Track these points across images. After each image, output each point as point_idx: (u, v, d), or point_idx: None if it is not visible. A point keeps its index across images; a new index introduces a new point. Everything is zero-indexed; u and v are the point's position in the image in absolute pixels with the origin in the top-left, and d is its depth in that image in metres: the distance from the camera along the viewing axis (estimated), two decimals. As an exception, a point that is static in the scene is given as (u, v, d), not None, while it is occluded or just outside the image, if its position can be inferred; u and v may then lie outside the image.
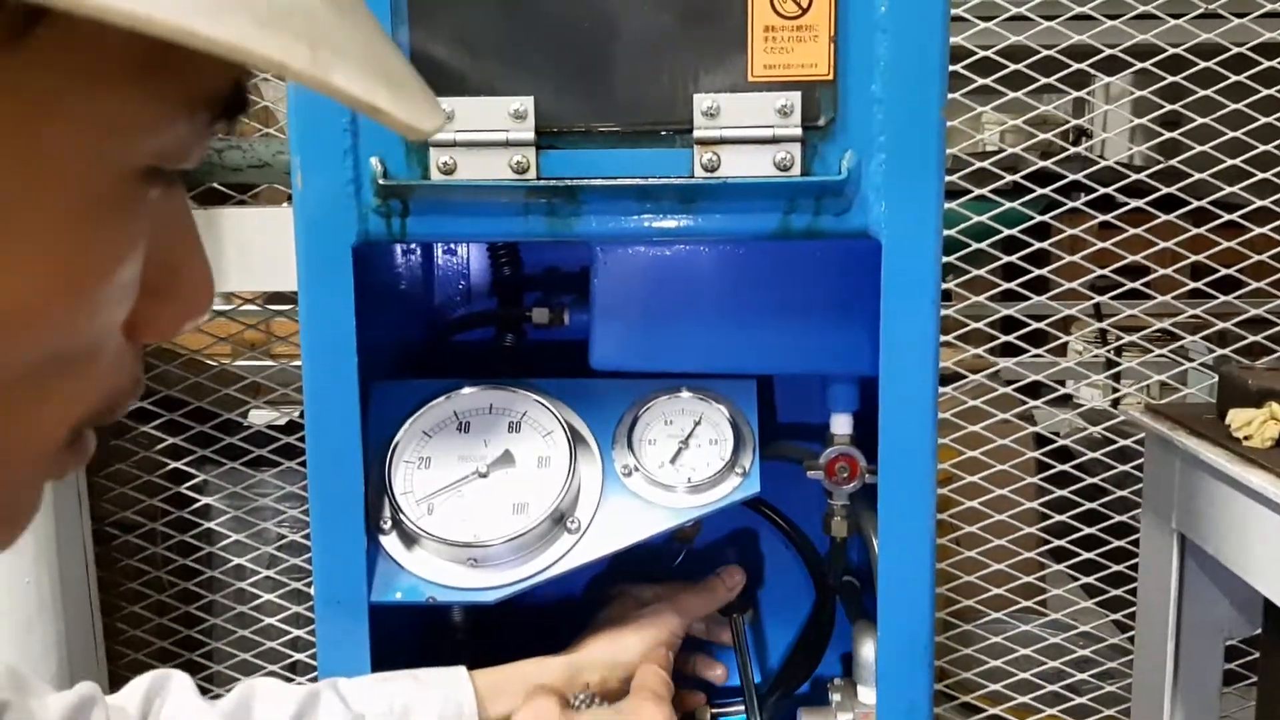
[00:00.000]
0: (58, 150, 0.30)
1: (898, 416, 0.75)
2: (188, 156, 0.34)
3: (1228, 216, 1.42)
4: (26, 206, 0.30)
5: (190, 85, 0.32)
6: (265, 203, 1.43)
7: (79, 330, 0.33)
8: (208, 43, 0.26)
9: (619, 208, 0.72)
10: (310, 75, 0.28)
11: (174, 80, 0.31)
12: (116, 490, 1.46)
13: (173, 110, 0.32)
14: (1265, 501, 0.94)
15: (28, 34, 0.28)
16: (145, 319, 0.36)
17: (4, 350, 0.31)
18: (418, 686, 0.75)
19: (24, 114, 0.29)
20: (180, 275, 0.37)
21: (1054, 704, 1.47)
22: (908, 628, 0.77)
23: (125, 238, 0.33)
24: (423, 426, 0.84)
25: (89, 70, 0.29)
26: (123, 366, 0.36)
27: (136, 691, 0.70)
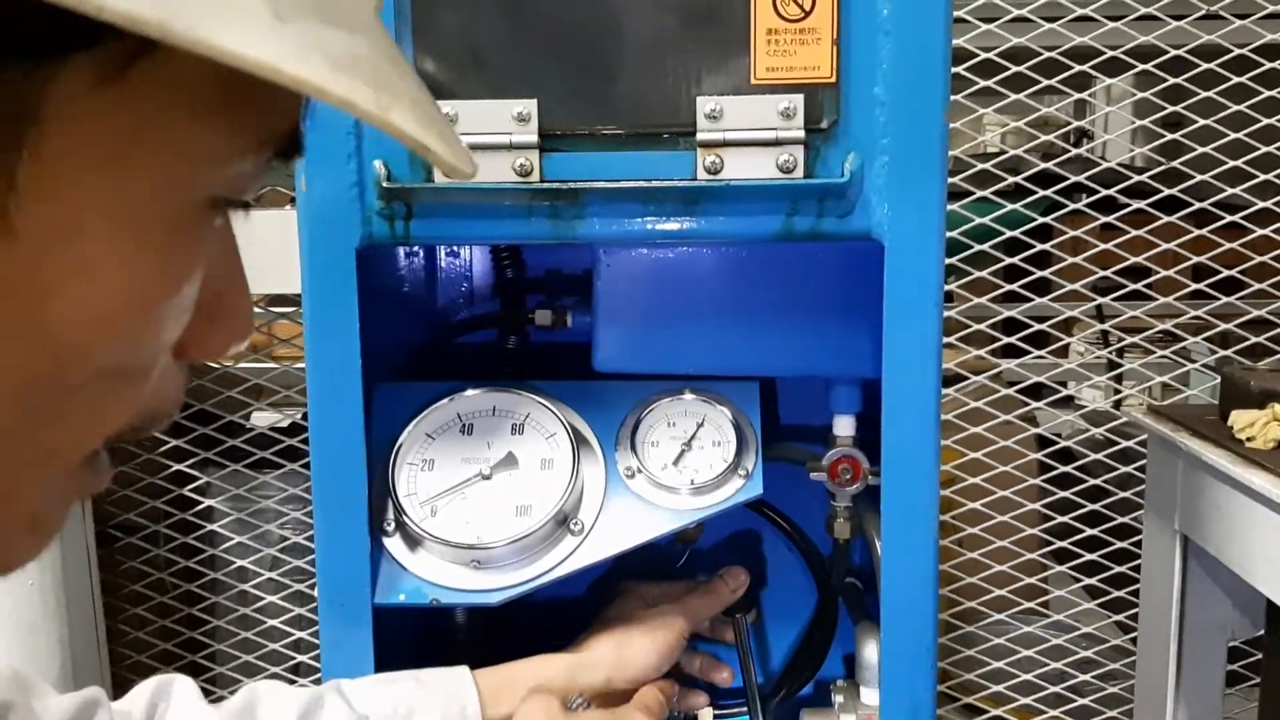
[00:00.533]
0: (144, 174, 0.32)
1: (900, 418, 0.75)
2: (250, 188, 0.36)
3: (1229, 218, 1.42)
4: (112, 226, 0.32)
5: (265, 121, 0.35)
6: (268, 205, 1.43)
7: (143, 346, 0.35)
8: (292, 81, 0.28)
9: (622, 210, 0.73)
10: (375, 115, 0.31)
11: (253, 116, 0.34)
12: (119, 493, 1.46)
13: (246, 144, 0.34)
14: (1267, 503, 0.94)
15: (135, 64, 0.30)
16: (194, 339, 0.38)
17: (76, 357, 0.33)
18: (421, 688, 0.76)
19: (120, 140, 0.31)
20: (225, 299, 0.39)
21: (1056, 705, 1.47)
22: (911, 629, 0.77)
23: (191, 261, 0.35)
24: (426, 428, 0.84)
25: (181, 101, 0.32)
26: (167, 384, 0.38)
27: (141, 696, 0.70)
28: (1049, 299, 1.46)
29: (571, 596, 1.01)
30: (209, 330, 0.38)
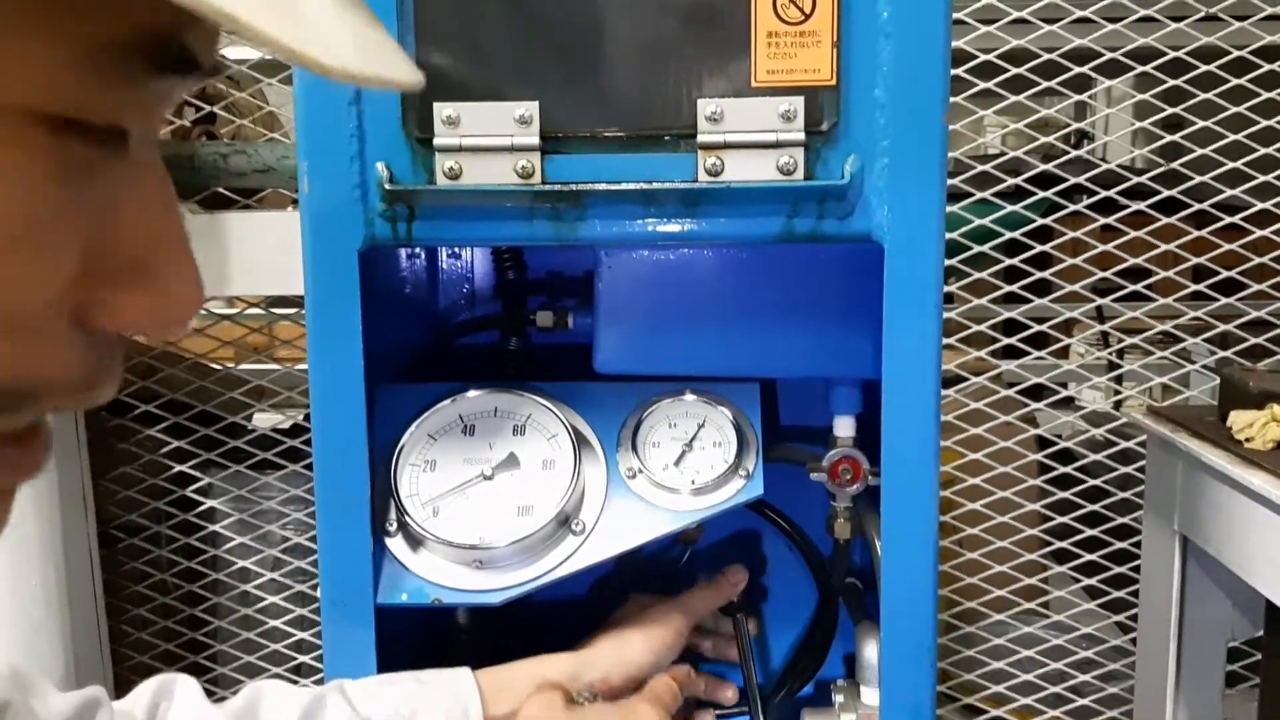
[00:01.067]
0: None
1: (900, 419, 0.75)
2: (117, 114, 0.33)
3: (1229, 219, 1.42)
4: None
5: (89, 27, 0.31)
6: (270, 207, 1.43)
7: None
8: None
9: (623, 212, 0.73)
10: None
11: (70, 20, 0.30)
12: (121, 494, 1.46)
13: (72, 54, 0.31)
14: (1267, 503, 0.94)
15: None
16: (100, 305, 0.34)
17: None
18: (423, 688, 0.76)
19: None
20: (153, 267, 0.35)
21: (1056, 705, 1.47)
22: (911, 629, 0.77)
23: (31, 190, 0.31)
24: (428, 429, 0.84)
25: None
26: (65, 352, 0.34)
27: (143, 696, 0.70)
28: (1049, 300, 1.46)
29: (573, 597, 1.02)
30: (122, 297, 0.35)
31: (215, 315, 1.54)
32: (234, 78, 1.51)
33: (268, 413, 1.53)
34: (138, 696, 0.70)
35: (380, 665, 0.80)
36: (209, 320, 1.52)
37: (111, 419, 1.46)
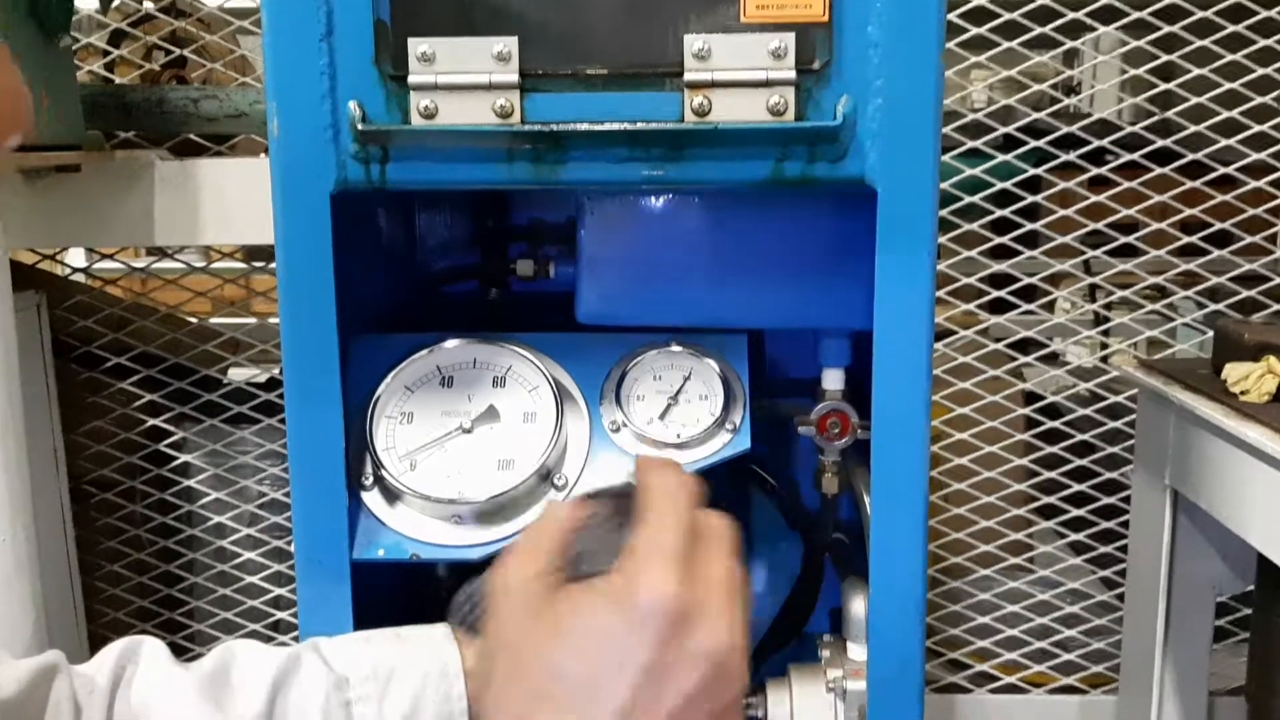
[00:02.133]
0: None
1: (892, 370, 0.73)
2: None
3: (1221, 170, 1.40)
4: None
5: None
6: (243, 153, 1.39)
7: None
8: None
9: (606, 154, 0.70)
10: None
11: None
12: (93, 448, 1.43)
13: None
14: (1262, 456, 0.93)
15: None
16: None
17: None
18: (401, 645, 0.74)
19: None
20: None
21: (1041, 660, 1.47)
22: (900, 584, 0.76)
23: None
24: (404, 381, 0.82)
25: None
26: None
27: (107, 659, 0.68)
28: (1038, 252, 1.44)
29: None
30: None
31: (189, 266, 1.50)
32: (205, 20, 1.46)
33: (244, 366, 1.50)
34: (102, 660, 0.68)
35: (358, 622, 0.78)
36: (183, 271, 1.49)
37: (82, 372, 1.42)
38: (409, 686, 0.71)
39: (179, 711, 0.66)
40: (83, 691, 0.65)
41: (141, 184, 1.25)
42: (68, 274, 1.53)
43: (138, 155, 1.29)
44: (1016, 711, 1.48)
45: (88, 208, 1.25)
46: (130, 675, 0.67)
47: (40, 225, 1.26)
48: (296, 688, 0.69)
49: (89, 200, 1.25)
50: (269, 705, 0.68)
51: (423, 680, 0.72)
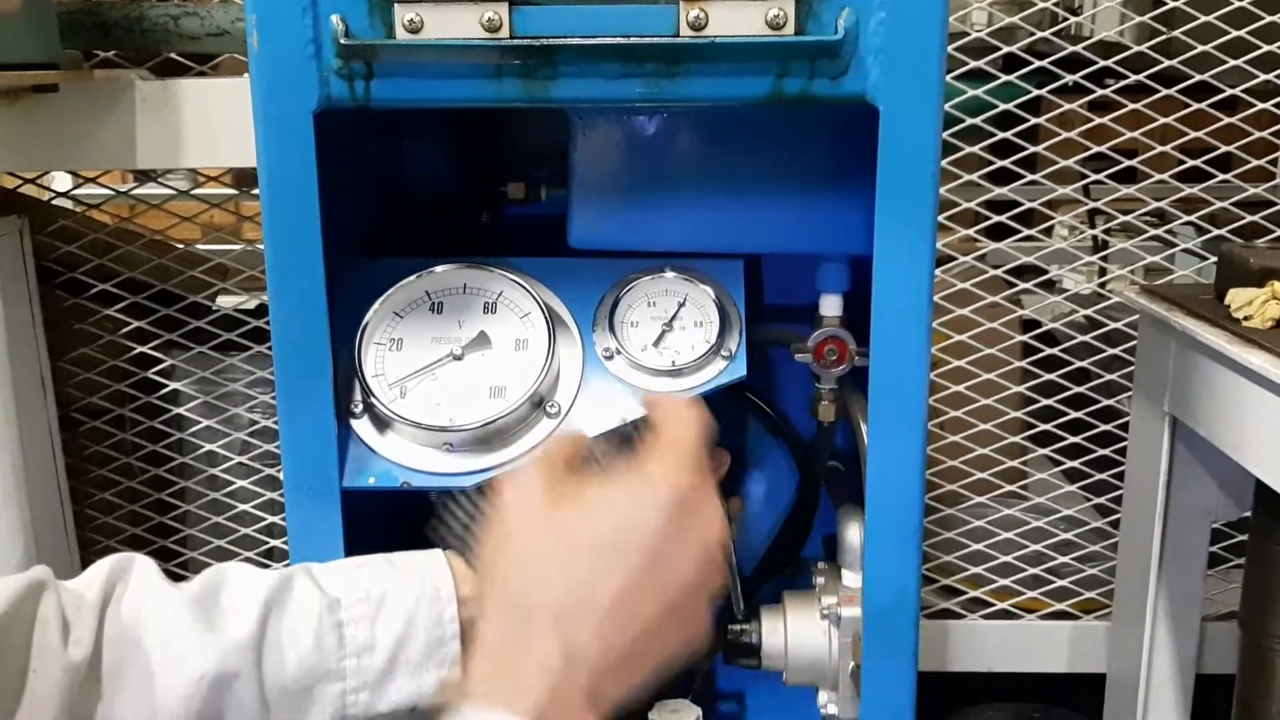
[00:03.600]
0: None
1: (892, 295, 0.72)
2: None
3: (1226, 92, 1.37)
4: None
5: None
6: (226, 74, 1.35)
7: None
8: None
9: (599, 70, 0.67)
10: None
11: None
12: (81, 376, 1.42)
13: None
14: (1264, 382, 0.92)
15: None
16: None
17: None
18: (393, 570, 0.74)
19: None
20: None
21: (1035, 587, 1.48)
22: (897, 512, 0.75)
23: None
24: (393, 307, 0.80)
25: None
26: None
27: (97, 576, 0.67)
28: (1038, 176, 1.42)
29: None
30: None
31: (175, 191, 1.47)
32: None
33: (233, 293, 1.48)
34: (91, 576, 0.67)
35: (349, 550, 0.77)
36: (168, 196, 1.46)
37: (68, 298, 1.40)
38: (401, 609, 0.71)
39: (170, 629, 0.66)
40: (71, 607, 0.64)
41: (122, 105, 1.22)
42: (51, 199, 1.50)
43: (117, 75, 1.25)
44: (1009, 637, 1.49)
45: (67, 130, 1.22)
46: (120, 592, 0.66)
47: (18, 147, 1.23)
48: (289, 609, 0.69)
49: (68, 122, 1.22)
50: (260, 625, 0.68)
51: (415, 603, 0.71)
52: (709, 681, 1.01)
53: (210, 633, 0.66)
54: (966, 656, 1.50)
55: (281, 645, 0.68)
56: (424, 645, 0.71)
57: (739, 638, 0.89)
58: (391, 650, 0.70)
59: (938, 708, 1.64)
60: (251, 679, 0.66)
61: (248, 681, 0.66)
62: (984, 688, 1.59)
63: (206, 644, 0.66)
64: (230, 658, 0.66)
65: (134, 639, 0.65)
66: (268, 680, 0.67)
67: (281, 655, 0.67)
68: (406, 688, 0.70)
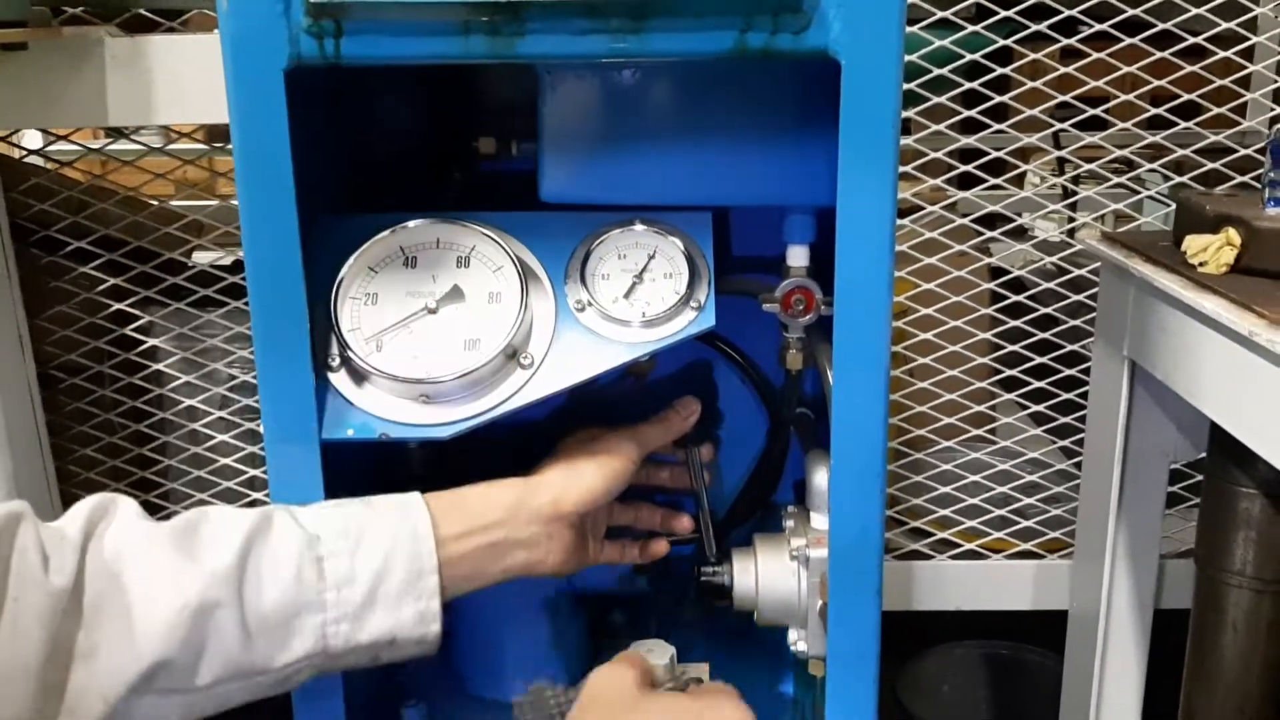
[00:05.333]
0: None
1: (855, 245, 0.73)
2: None
3: (1190, 40, 1.39)
4: None
5: None
6: (195, 29, 1.35)
7: None
8: None
9: (565, 25, 0.68)
10: None
11: None
12: (59, 333, 1.42)
13: None
14: (1218, 327, 0.94)
15: None
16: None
17: None
18: (371, 509, 0.76)
19: None
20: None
21: (1001, 528, 1.51)
22: (861, 455, 0.77)
23: None
24: (368, 261, 0.82)
25: None
26: None
27: (78, 514, 0.69)
28: (1006, 125, 1.44)
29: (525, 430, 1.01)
30: None
31: (148, 147, 1.47)
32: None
33: (209, 249, 1.48)
34: (73, 515, 0.69)
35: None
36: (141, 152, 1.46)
37: (43, 256, 1.41)
38: (379, 543, 0.73)
39: (152, 562, 0.68)
40: (51, 541, 0.65)
41: (92, 62, 1.22)
42: (22, 156, 1.50)
43: (87, 32, 1.25)
44: (976, 577, 1.52)
45: (37, 87, 1.22)
46: (103, 529, 0.68)
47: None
48: (269, 542, 0.71)
49: (38, 80, 1.22)
50: (241, 556, 0.69)
51: (393, 539, 0.74)
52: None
53: (192, 563, 0.68)
54: (935, 596, 1.53)
55: (261, 576, 0.70)
56: (402, 579, 0.73)
57: (711, 579, 0.91)
58: (371, 583, 0.72)
59: (908, 646, 1.69)
60: (233, 608, 0.68)
61: (229, 610, 0.68)
62: (952, 626, 1.64)
63: (188, 574, 0.67)
64: (211, 587, 0.68)
65: (115, 572, 0.66)
66: (248, 610, 0.69)
67: (261, 586, 0.69)
68: (386, 620, 0.72)
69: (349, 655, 0.73)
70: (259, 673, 0.70)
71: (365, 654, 0.73)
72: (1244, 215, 1.02)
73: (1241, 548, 1.08)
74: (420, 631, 0.74)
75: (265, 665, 0.70)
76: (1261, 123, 1.52)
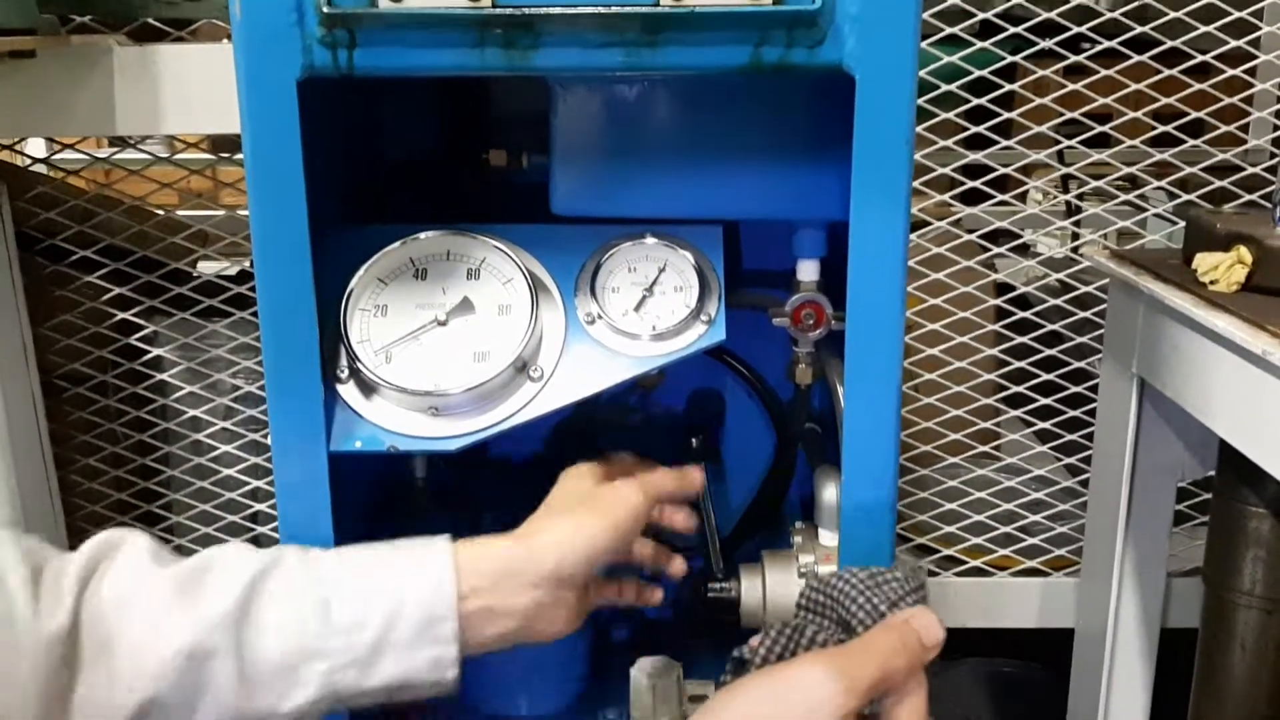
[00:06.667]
0: None
1: (867, 262, 0.73)
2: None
3: (1198, 58, 1.39)
4: None
5: None
6: (204, 39, 1.35)
7: None
8: None
9: (580, 39, 0.68)
10: None
11: None
12: (63, 342, 1.42)
13: None
14: (1229, 345, 0.94)
15: None
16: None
17: None
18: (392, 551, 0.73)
19: None
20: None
21: (1006, 545, 1.51)
22: (872, 473, 0.77)
23: None
24: (378, 273, 0.81)
25: None
26: None
27: (83, 553, 0.67)
28: (1012, 142, 1.44)
29: (532, 446, 1.01)
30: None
31: (154, 157, 1.47)
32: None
33: (214, 259, 1.48)
34: (80, 552, 0.67)
35: (336, 514, 0.78)
36: (147, 161, 1.46)
37: (48, 265, 1.40)
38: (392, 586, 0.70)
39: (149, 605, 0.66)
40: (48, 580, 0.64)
41: (100, 71, 1.22)
42: (28, 165, 1.50)
43: (95, 41, 1.25)
44: (982, 594, 1.52)
45: (45, 96, 1.22)
46: (104, 569, 0.66)
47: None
48: (272, 586, 0.69)
49: (46, 88, 1.22)
50: (242, 602, 0.67)
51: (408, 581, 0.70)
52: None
53: (190, 609, 0.66)
54: (940, 613, 1.51)
55: (262, 623, 0.67)
56: (417, 623, 0.69)
57: (719, 595, 0.91)
58: (381, 629, 0.69)
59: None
60: (230, 656, 0.66)
61: (225, 659, 0.66)
62: (957, 643, 1.63)
63: (183, 620, 0.66)
64: (207, 634, 0.66)
65: (111, 616, 0.65)
66: (246, 658, 0.66)
67: (262, 633, 0.67)
68: (398, 665, 0.69)
69: (360, 698, 0.70)
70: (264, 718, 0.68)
71: (378, 696, 0.70)
72: (1255, 234, 1.02)
73: (1251, 567, 1.07)
74: (436, 676, 0.70)
75: (269, 712, 0.67)
76: (1265, 141, 1.52)
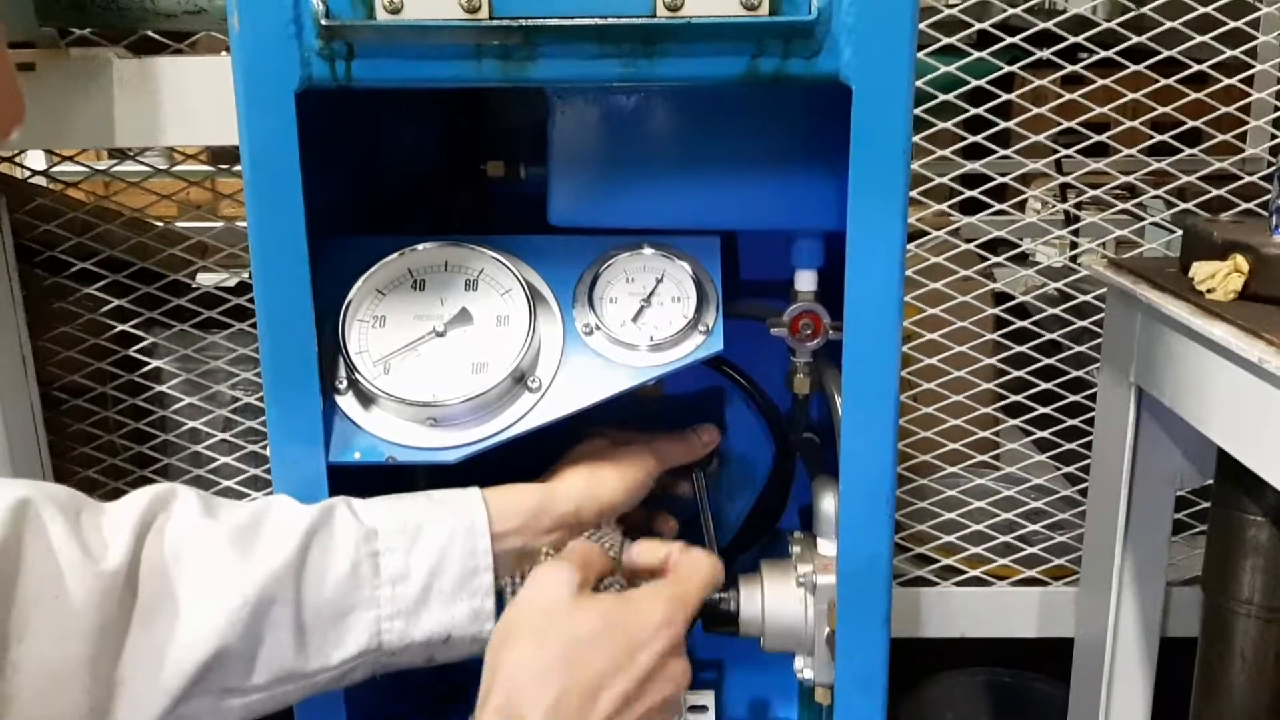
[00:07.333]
0: None
1: (864, 271, 0.73)
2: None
3: (1195, 68, 1.39)
4: None
5: None
6: (203, 51, 1.35)
7: None
8: None
9: (576, 50, 0.69)
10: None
11: None
12: (62, 354, 1.42)
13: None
14: (1226, 353, 0.94)
15: None
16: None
17: None
18: (431, 504, 0.76)
19: None
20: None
21: (1005, 554, 1.51)
22: (870, 482, 0.77)
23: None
24: (376, 284, 0.81)
25: None
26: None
27: (138, 502, 0.70)
28: (1010, 151, 1.44)
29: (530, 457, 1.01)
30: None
31: (153, 169, 1.47)
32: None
33: (213, 270, 1.48)
34: (131, 502, 0.70)
35: (334, 524, 0.78)
36: (146, 174, 1.46)
37: (47, 277, 1.40)
38: (435, 540, 0.74)
39: (211, 558, 0.68)
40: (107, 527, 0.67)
41: (99, 84, 1.22)
42: (27, 177, 1.50)
43: (95, 54, 1.25)
44: (981, 603, 1.51)
45: (45, 109, 1.22)
46: (162, 522, 0.69)
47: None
48: (327, 537, 0.72)
49: (46, 101, 1.22)
50: (301, 552, 0.70)
51: (449, 535, 0.74)
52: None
53: (250, 560, 0.69)
54: (939, 623, 1.53)
55: (319, 572, 0.70)
56: (457, 576, 0.73)
57: (718, 605, 0.91)
58: (425, 580, 0.72)
59: (912, 673, 1.68)
60: (289, 604, 0.69)
61: (285, 606, 0.69)
62: (956, 653, 1.63)
63: (247, 571, 0.68)
64: (270, 583, 0.68)
65: (173, 568, 0.67)
66: (305, 606, 0.70)
67: (319, 582, 0.70)
68: (440, 617, 0.73)
69: (404, 653, 0.73)
70: (315, 671, 0.71)
71: (420, 652, 0.74)
72: (1252, 242, 1.02)
73: (1250, 576, 1.07)
74: (475, 629, 0.74)
75: (321, 663, 0.71)
76: (1262, 150, 1.53)
